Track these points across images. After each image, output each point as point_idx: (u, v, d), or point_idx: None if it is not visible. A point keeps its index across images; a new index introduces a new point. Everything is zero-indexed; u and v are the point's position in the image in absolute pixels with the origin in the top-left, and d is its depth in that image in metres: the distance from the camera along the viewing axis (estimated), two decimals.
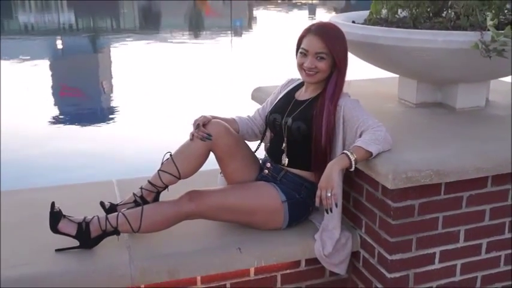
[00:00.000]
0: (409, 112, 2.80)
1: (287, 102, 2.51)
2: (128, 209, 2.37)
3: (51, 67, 12.54)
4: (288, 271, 2.48)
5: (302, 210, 2.49)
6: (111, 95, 9.99)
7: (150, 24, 22.26)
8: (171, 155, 2.43)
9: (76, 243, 2.29)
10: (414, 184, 2.15)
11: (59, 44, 16.91)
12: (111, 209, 2.44)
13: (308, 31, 2.37)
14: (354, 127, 2.29)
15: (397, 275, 2.31)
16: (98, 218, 2.31)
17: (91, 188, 2.90)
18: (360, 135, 2.26)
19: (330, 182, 2.17)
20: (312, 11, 26.93)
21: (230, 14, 25.52)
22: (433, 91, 2.86)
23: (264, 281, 2.46)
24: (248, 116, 2.72)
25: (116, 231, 2.30)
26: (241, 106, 7.24)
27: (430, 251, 2.33)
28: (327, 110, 2.32)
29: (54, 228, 2.28)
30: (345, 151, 2.20)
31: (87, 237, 2.29)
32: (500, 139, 2.39)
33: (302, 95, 2.50)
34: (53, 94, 9.79)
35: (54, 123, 7.80)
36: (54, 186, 2.94)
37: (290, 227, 2.46)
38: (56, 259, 2.25)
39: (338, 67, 2.33)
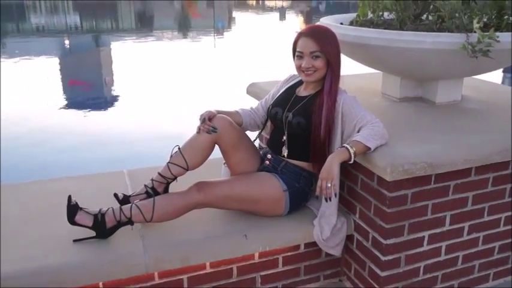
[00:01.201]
0: (395, 106, 2.57)
1: (288, 97, 2.26)
2: (140, 200, 2.12)
3: (60, 63, 12.11)
4: (288, 254, 2.26)
5: (301, 198, 2.26)
6: (112, 87, 9.67)
7: (144, 25, 21.68)
8: (179, 148, 2.18)
9: (92, 233, 2.03)
10: (409, 176, 1.93)
11: (67, 43, 16.36)
12: (125, 200, 2.18)
13: (301, 35, 2.14)
14: (352, 122, 2.06)
15: (391, 257, 2.11)
16: (113, 209, 2.05)
17: (103, 179, 2.63)
18: (359, 130, 2.04)
19: (331, 174, 1.95)
20: (283, 14, 26.48)
21: (213, 15, 25.10)
22: (415, 87, 2.63)
23: (268, 263, 2.24)
24: (251, 108, 2.47)
25: (129, 222, 2.05)
26: (225, 94, 7.47)
27: (420, 235, 2.13)
28: (326, 106, 2.09)
29: (72, 220, 2.02)
30: (345, 145, 1.97)
31: (103, 228, 2.03)
32: (482, 132, 2.19)
33: (302, 91, 2.25)
34: (62, 85, 9.50)
35: (64, 108, 7.66)
36: (68, 177, 2.65)
37: (290, 213, 2.23)
38: (74, 250, 1.98)
39: (331, 64, 2.10)
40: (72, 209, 2.02)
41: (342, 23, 2.71)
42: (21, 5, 26.06)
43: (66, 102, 8.14)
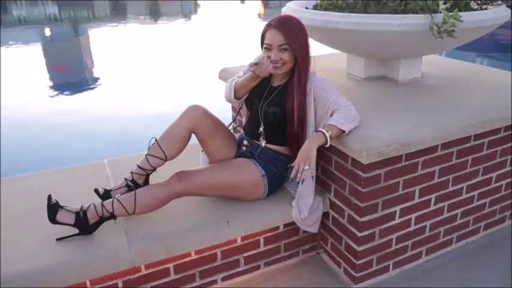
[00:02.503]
0: (360, 86, 2.34)
1: (263, 87, 1.98)
2: (121, 194, 1.85)
3: (43, 50, 11.36)
4: (269, 234, 2.04)
5: (279, 180, 2.03)
6: (92, 69, 9.22)
7: (118, 12, 20.65)
8: (156, 140, 1.91)
9: (76, 230, 1.78)
10: (383, 157, 1.73)
11: (47, 32, 15.43)
12: (106, 194, 1.91)
13: (269, 26, 1.85)
14: (325, 106, 1.83)
15: (366, 233, 1.93)
16: (94, 205, 1.79)
17: (84, 170, 2.32)
18: (332, 114, 1.81)
19: (309, 158, 1.72)
20: None
21: (180, 1, 24.17)
22: (377, 66, 2.40)
23: (250, 245, 2.02)
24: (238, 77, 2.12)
25: (112, 216, 1.79)
26: (194, 74, 7.28)
27: (392, 210, 1.95)
28: (297, 100, 1.85)
29: (53, 219, 1.74)
30: (321, 129, 1.75)
31: (85, 225, 1.76)
32: (446, 109, 1.98)
33: (275, 80, 1.98)
34: (47, 71, 8.98)
35: (50, 91, 7.28)
36: (47, 171, 2.33)
37: (269, 196, 2.01)
38: (59, 250, 1.72)
39: (298, 58, 1.83)
40: (53, 209, 1.75)
41: (306, 8, 2.44)
42: None
43: (52, 85, 7.71)
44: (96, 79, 8.26)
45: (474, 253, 2.28)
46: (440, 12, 1.83)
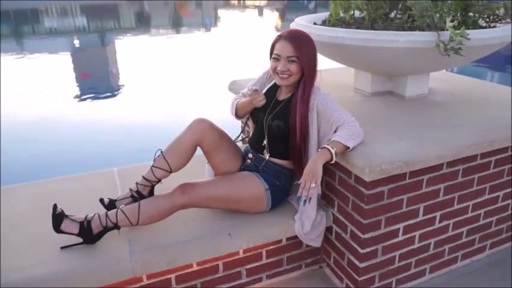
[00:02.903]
0: (367, 101, 2.25)
1: (269, 101, 1.92)
2: (126, 204, 1.81)
3: (72, 59, 11.54)
4: (271, 247, 1.97)
5: (282, 194, 1.96)
6: (118, 78, 9.35)
7: (143, 24, 20.86)
8: (161, 152, 1.86)
9: (79, 239, 1.73)
10: (387, 175, 1.65)
11: (76, 42, 15.67)
12: (110, 204, 1.86)
13: (280, 37, 1.79)
14: (328, 121, 1.75)
15: (368, 249, 1.84)
16: (99, 215, 1.74)
17: (93, 179, 2.29)
18: (336, 130, 1.73)
19: (315, 175, 1.65)
20: (261, 12, 25.77)
21: (201, 14, 24.33)
22: (384, 82, 2.32)
23: (252, 257, 1.95)
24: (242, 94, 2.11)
25: (116, 227, 1.74)
26: (212, 84, 7.33)
27: (396, 227, 1.86)
28: (299, 112, 1.78)
29: (58, 229, 1.70)
30: (327, 146, 1.67)
31: (89, 234, 1.72)
32: (452, 127, 1.88)
33: (281, 93, 1.92)
34: (76, 78, 9.15)
35: (78, 97, 7.42)
36: (57, 179, 2.30)
37: (272, 209, 1.93)
38: (62, 257, 1.67)
39: (305, 71, 1.76)
40: (58, 218, 1.70)
41: (315, 23, 2.38)
42: (35, 10, 24.95)
43: (79, 92, 7.85)
44: (120, 86, 8.40)
45: (479, 272, 2.17)
46: (447, 30, 1.74)
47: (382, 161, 1.61)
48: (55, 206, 1.72)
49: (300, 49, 1.75)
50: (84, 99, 7.33)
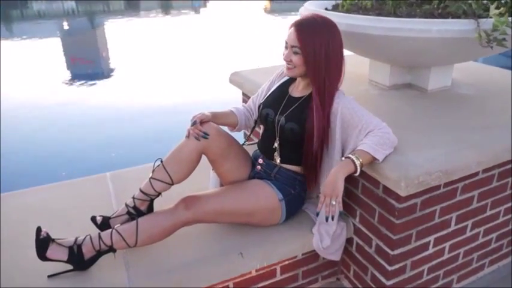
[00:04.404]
0: (385, 95, 1.97)
1: (281, 97, 1.64)
2: (121, 223, 1.52)
3: (62, 42, 11.01)
4: (286, 263, 1.71)
5: (298, 204, 1.69)
6: (108, 60, 8.96)
7: (132, 6, 20.07)
8: (161, 161, 1.57)
9: (69, 266, 1.45)
10: (424, 188, 1.38)
11: (65, 25, 14.99)
12: (104, 223, 1.57)
13: (293, 23, 1.49)
14: (355, 128, 1.45)
15: (397, 266, 1.58)
16: (91, 238, 1.45)
17: (84, 185, 1.98)
18: (364, 136, 1.46)
19: (335, 190, 1.37)
20: None
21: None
22: (404, 73, 2.03)
23: (265, 275, 1.69)
24: (243, 106, 1.84)
25: (111, 249, 1.46)
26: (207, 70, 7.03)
27: (427, 240, 1.60)
28: (317, 114, 1.48)
29: (43, 256, 1.41)
30: (350, 155, 1.39)
31: (80, 260, 1.43)
32: (486, 127, 1.63)
33: (295, 90, 1.63)
34: (66, 61, 8.76)
35: (69, 81, 7.09)
36: (44, 187, 1.99)
37: (287, 220, 1.67)
38: (49, 286, 1.40)
39: (306, 64, 1.46)
40: (42, 244, 1.41)
41: (326, 8, 2.07)
42: None
43: (70, 76, 7.49)
44: (111, 70, 8.03)
45: (506, 279, 1.95)
46: (490, 17, 1.45)
47: (419, 172, 1.34)
48: (39, 230, 1.43)
49: (304, 40, 1.44)
50: (75, 84, 6.94)
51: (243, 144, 1.82)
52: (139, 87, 6.45)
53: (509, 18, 1.47)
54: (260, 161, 1.70)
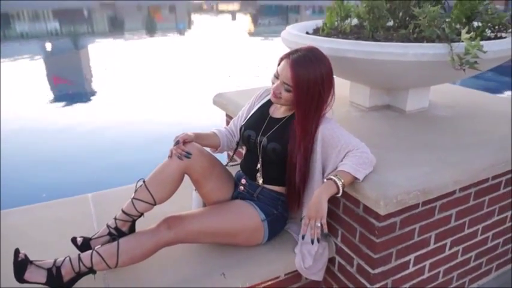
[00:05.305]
0: (365, 116, 2.02)
1: (262, 119, 1.67)
2: (102, 244, 1.51)
3: (45, 63, 10.97)
4: (269, 283, 1.70)
5: (280, 224, 1.70)
6: (91, 81, 8.93)
7: (116, 28, 20.18)
8: (144, 181, 1.57)
9: None
10: (402, 206, 1.41)
11: (48, 46, 14.95)
12: (84, 244, 1.55)
13: (287, 56, 1.50)
14: (335, 148, 1.49)
15: (378, 285, 1.60)
16: (70, 259, 1.43)
17: (65, 206, 1.96)
18: (343, 157, 1.49)
19: (320, 212, 1.39)
20: (234, 16, 25.43)
21: (175, 18, 23.81)
22: (383, 95, 2.09)
23: None
24: (225, 128, 1.86)
25: (91, 271, 1.44)
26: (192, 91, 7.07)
27: (407, 258, 1.62)
28: (303, 145, 1.51)
29: (21, 279, 1.39)
30: (332, 177, 1.42)
31: (59, 282, 1.41)
32: (464, 147, 1.68)
33: (276, 111, 1.66)
34: (48, 82, 8.67)
35: (51, 102, 7.01)
36: (23, 208, 1.96)
37: (269, 240, 1.68)
38: None
39: (298, 103, 1.49)
40: (21, 266, 1.39)
41: (307, 32, 2.13)
42: (6, 14, 23.87)
43: (53, 97, 7.41)
44: (94, 92, 7.97)
45: None
46: (462, 41, 1.52)
47: (397, 192, 1.37)
48: (17, 251, 1.40)
49: (298, 80, 1.45)
50: (57, 105, 6.89)
51: (226, 165, 1.84)
52: (122, 108, 6.41)
53: (481, 42, 1.55)
54: (243, 181, 1.72)
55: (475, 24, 1.87)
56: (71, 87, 8.41)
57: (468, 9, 1.79)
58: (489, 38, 1.84)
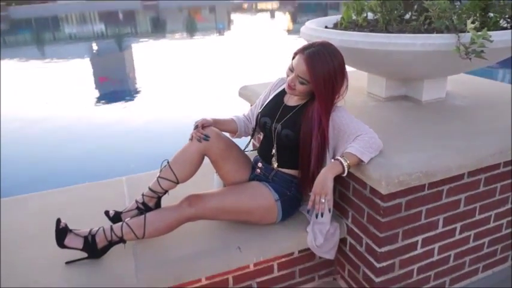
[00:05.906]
0: (381, 106, 2.10)
1: (276, 107, 1.79)
2: (131, 217, 1.69)
3: (91, 63, 11.67)
4: (283, 260, 1.83)
5: (293, 205, 1.82)
6: (135, 81, 9.38)
7: (158, 29, 20.88)
8: (168, 162, 1.74)
9: (84, 254, 1.63)
10: (405, 187, 1.50)
11: (95, 47, 15.71)
12: (116, 217, 1.75)
13: (303, 50, 1.60)
14: (345, 134, 1.60)
15: (385, 263, 1.69)
16: (103, 229, 1.63)
17: (101, 188, 2.18)
18: (353, 140, 1.59)
19: (325, 189, 1.51)
20: (272, 15, 25.64)
21: (215, 18, 24.28)
22: (399, 86, 2.17)
23: (263, 271, 1.82)
24: (244, 115, 2.01)
25: (121, 240, 1.63)
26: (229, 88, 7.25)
27: (414, 239, 1.70)
28: (316, 134, 1.62)
29: (61, 244, 1.60)
30: (339, 157, 1.53)
31: (94, 249, 1.61)
32: (473, 134, 1.74)
33: (290, 100, 1.78)
34: (94, 81, 9.24)
35: (97, 101, 7.43)
36: (65, 189, 2.20)
37: (283, 220, 1.81)
38: (66, 273, 1.57)
39: (316, 94, 1.59)
40: (61, 233, 1.60)
41: (326, 26, 2.24)
42: (56, 17, 25.26)
43: (99, 95, 7.90)
44: (138, 90, 8.39)
45: (501, 283, 2.01)
46: (468, 32, 1.59)
47: (399, 173, 1.46)
48: (58, 221, 1.61)
49: (314, 74, 1.55)
50: (102, 103, 7.32)
51: (245, 150, 1.98)
52: (164, 106, 6.70)
53: (489, 32, 1.61)
54: (259, 164, 1.85)
55: (491, 15, 1.92)
56: (115, 85, 8.89)
57: (483, 0, 1.85)
58: (503, 29, 1.88)
